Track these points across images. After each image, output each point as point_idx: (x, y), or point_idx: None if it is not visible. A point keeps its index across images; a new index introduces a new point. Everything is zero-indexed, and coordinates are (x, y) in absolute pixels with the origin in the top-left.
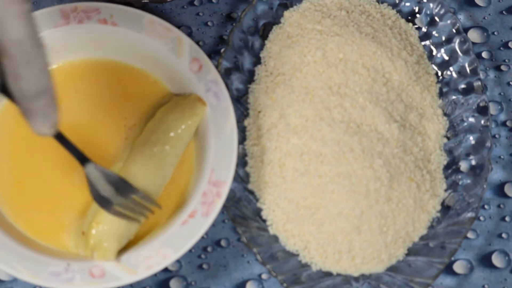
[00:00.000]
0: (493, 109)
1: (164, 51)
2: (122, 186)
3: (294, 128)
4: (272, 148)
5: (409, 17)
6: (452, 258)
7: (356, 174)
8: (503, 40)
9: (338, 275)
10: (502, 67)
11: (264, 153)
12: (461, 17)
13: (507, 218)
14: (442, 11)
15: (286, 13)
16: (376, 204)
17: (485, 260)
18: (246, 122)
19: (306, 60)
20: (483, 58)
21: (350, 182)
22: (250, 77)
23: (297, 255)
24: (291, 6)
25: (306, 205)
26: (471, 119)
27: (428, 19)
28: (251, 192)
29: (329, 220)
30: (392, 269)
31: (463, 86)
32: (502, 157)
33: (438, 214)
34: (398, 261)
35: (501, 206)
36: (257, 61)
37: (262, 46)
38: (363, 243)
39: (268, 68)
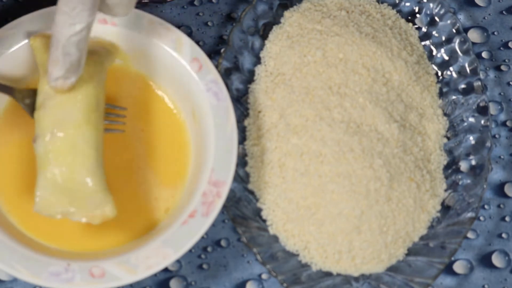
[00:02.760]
0: (493, 109)
1: (164, 51)
2: None
3: (294, 128)
4: (272, 148)
5: (409, 17)
6: (452, 258)
7: (356, 174)
8: (503, 40)
9: (338, 275)
10: (502, 67)
11: (264, 153)
12: (461, 17)
13: (507, 218)
14: (442, 11)
15: (286, 13)
16: (376, 204)
17: (485, 260)
18: (246, 122)
19: (306, 60)
20: (483, 58)
21: (350, 182)
22: (250, 77)
23: (297, 255)
24: (291, 6)
25: (306, 205)
26: (471, 119)
27: (428, 19)
28: (251, 192)
29: (329, 220)
30: (392, 269)
31: (463, 86)
32: (502, 157)
33: (438, 214)
34: (398, 261)
35: (501, 206)
36: (257, 61)
37: (262, 46)
38: (363, 243)
39: (268, 68)
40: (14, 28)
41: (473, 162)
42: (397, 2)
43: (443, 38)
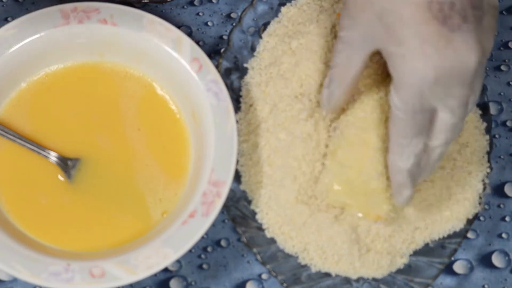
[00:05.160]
0: (493, 109)
1: (164, 51)
2: None
3: (283, 123)
4: (262, 145)
5: None
6: (452, 258)
7: None
8: (503, 40)
9: (338, 275)
10: (502, 67)
11: (254, 150)
12: None
13: (507, 218)
14: None
15: (284, 9)
16: None
17: (485, 260)
18: (237, 117)
19: (302, 54)
20: None
21: None
22: None
23: (297, 256)
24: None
25: (300, 208)
26: None
27: None
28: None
29: (326, 224)
30: None
31: None
32: (502, 157)
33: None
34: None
35: (501, 206)
36: None
37: None
38: (362, 247)
39: (262, 61)
40: (14, 28)
41: None
42: None
43: None
